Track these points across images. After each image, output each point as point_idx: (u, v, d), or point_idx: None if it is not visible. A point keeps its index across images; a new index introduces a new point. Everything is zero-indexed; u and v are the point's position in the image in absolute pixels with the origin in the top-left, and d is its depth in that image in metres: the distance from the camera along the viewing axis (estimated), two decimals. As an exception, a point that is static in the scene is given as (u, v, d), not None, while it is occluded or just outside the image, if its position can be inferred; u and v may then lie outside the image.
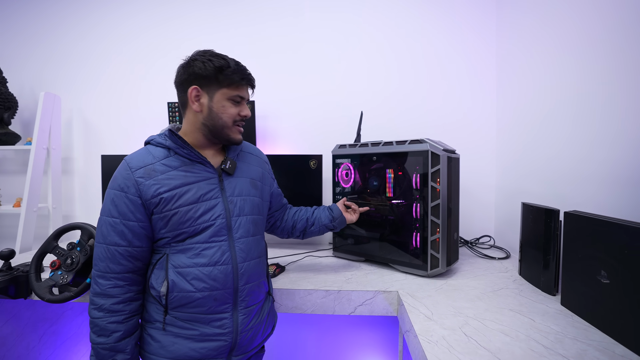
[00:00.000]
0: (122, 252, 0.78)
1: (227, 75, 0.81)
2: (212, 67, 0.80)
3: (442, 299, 0.97)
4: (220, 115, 0.83)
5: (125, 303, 0.78)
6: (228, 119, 0.84)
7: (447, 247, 1.15)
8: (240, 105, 0.86)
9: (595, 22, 1.02)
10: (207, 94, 0.82)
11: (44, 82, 1.91)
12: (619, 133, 0.92)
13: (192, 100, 0.82)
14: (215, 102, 0.82)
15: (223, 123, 0.84)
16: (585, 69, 1.06)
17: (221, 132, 0.85)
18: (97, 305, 0.77)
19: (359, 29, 1.75)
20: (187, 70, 0.82)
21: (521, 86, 1.44)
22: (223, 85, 0.82)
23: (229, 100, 0.83)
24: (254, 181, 0.92)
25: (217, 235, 0.81)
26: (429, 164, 1.13)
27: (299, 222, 1.13)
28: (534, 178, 1.32)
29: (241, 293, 0.82)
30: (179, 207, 0.78)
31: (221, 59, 0.81)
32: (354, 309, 1.06)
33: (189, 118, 0.86)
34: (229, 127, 0.85)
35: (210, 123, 0.84)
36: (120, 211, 0.78)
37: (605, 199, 0.96)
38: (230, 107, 0.84)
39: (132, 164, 0.80)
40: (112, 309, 0.77)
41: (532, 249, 1.09)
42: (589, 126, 1.04)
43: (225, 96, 0.83)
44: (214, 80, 0.81)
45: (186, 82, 0.82)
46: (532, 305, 0.92)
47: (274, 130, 1.81)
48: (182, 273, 0.78)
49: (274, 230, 1.14)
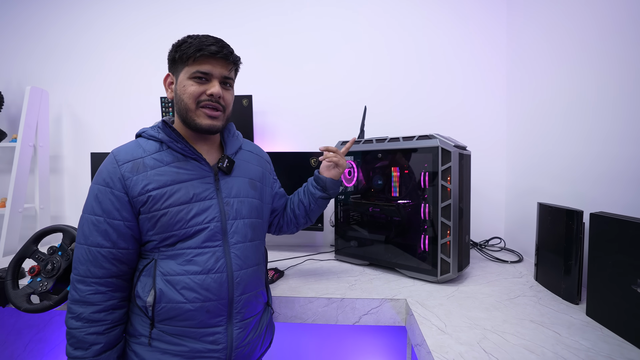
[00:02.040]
0: (106, 254, 0.70)
1: (183, 50, 0.72)
2: (172, 47, 0.75)
3: (454, 308, 0.89)
4: (181, 96, 0.74)
5: (107, 312, 0.70)
6: (189, 100, 0.73)
7: (458, 250, 1.07)
8: (206, 83, 0.73)
9: (620, 8, 0.94)
10: (175, 76, 0.76)
11: (32, 76, 1.82)
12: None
13: (166, 88, 0.78)
14: (179, 83, 0.74)
15: (185, 105, 0.73)
16: (609, 57, 0.97)
17: (187, 117, 0.75)
18: (75, 314, 0.69)
19: (362, 21, 1.67)
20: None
21: (534, 79, 1.36)
22: (182, 62, 0.73)
23: (190, 78, 0.73)
24: (253, 182, 0.84)
25: (210, 239, 0.72)
26: (439, 161, 1.05)
27: (297, 209, 1.00)
28: (550, 176, 1.24)
29: (237, 304, 0.74)
30: (169, 207, 0.70)
31: (187, 37, 0.74)
32: (358, 318, 0.98)
33: (174, 109, 0.79)
34: (192, 110, 0.74)
35: (177, 107, 0.76)
36: (104, 208, 0.70)
37: (635, 199, 0.88)
38: (191, 86, 0.72)
39: (119, 157, 0.72)
40: (92, 318, 0.69)
41: (551, 253, 1.01)
42: (613, 120, 0.96)
43: (187, 75, 0.73)
44: (178, 61, 0.74)
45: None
46: (554, 315, 0.84)
47: (272, 127, 1.73)
48: (171, 281, 0.70)
49: (282, 231, 1.04)
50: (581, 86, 1.09)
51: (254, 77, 1.70)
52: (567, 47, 1.16)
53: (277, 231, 1.04)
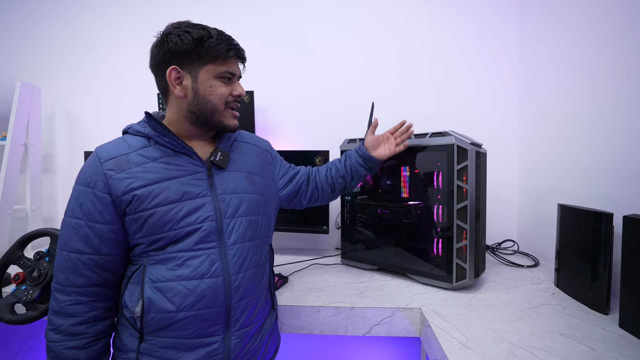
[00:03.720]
0: (86, 261, 0.64)
1: (210, 47, 0.66)
2: (190, 40, 0.65)
3: (474, 319, 0.82)
4: (209, 97, 0.69)
5: (88, 324, 0.64)
6: (218, 102, 0.70)
7: (475, 255, 1.00)
8: (231, 84, 0.72)
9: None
10: (190, 73, 0.68)
11: (23, 71, 1.74)
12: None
13: (173, 84, 0.68)
14: (201, 82, 0.68)
15: (213, 107, 0.70)
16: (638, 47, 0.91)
17: (212, 118, 0.71)
18: (54, 326, 0.63)
19: (368, 14, 1.60)
20: (161, 49, 0.67)
21: (551, 72, 1.29)
22: (207, 60, 0.67)
23: (216, 78, 0.69)
24: (250, 175, 0.77)
25: (204, 241, 0.66)
26: (455, 159, 0.98)
27: (335, 182, 1.01)
28: (570, 176, 1.17)
29: (235, 311, 0.68)
30: (156, 206, 0.63)
31: (200, 29, 0.67)
32: (369, 329, 0.91)
33: (172, 105, 0.72)
34: (221, 112, 0.71)
35: (197, 109, 0.69)
36: (85, 211, 0.64)
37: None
38: (220, 87, 0.70)
39: (101, 154, 0.66)
40: (71, 330, 0.63)
41: (574, 258, 0.95)
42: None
43: (212, 74, 0.68)
44: (196, 56, 0.67)
45: (163, 63, 0.68)
46: (585, 327, 0.77)
47: (275, 124, 1.65)
48: (161, 289, 0.63)
49: (312, 204, 1.02)
50: (605, 79, 1.02)
51: (256, 73, 1.63)
52: (588, 38, 1.09)
53: (307, 204, 1.01)
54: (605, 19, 1.02)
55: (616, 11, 0.98)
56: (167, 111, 0.74)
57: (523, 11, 1.49)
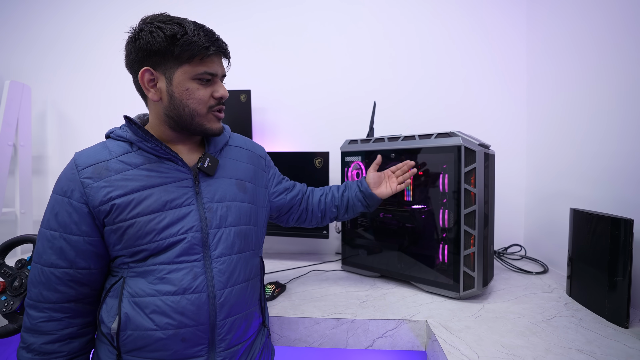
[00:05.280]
0: (61, 275, 0.59)
1: (185, 45, 0.59)
2: (162, 38, 0.58)
3: (484, 333, 0.77)
4: (185, 101, 0.62)
5: (62, 342, 0.59)
6: (198, 106, 0.63)
7: (483, 263, 0.95)
8: (212, 84, 0.65)
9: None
10: (164, 75, 0.61)
11: (12, 69, 1.69)
12: None
13: (147, 87, 0.62)
14: (176, 84, 0.61)
15: (191, 111, 0.63)
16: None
17: (191, 123, 0.64)
18: (26, 345, 0.59)
19: (368, 11, 1.54)
20: (134, 47, 0.61)
21: (561, 70, 1.24)
22: (182, 60, 0.60)
23: (194, 80, 0.62)
24: (241, 182, 0.72)
25: (187, 253, 0.61)
26: (462, 161, 0.93)
27: (328, 210, 0.95)
28: (581, 179, 1.12)
29: (220, 330, 0.62)
30: (136, 216, 0.58)
31: (174, 24, 0.59)
32: (371, 342, 0.85)
33: (151, 109, 0.67)
34: (202, 116, 0.65)
35: (174, 113, 0.63)
36: (60, 222, 0.59)
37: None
38: (198, 90, 0.63)
39: (79, 161, 0.61)
40: (44, 349, 0.58)
41: (589, 266, 0.89)
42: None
43: (188, 75, 0.61)
44: (170, 56, 0.60)
45: (137, 63, 0.62)
46: (604, 343, 0.72)
47: (273, 125, 1.60)
48: (139, 304, 0.58)
49: (299, 224, 0.96)
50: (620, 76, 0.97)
51: (253, 71, 1.58)
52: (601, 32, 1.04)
53: (294, 223, 0.95)
54: (620, 7, 0.97)
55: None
56: (149, 113, 0.69)
57: (530, 11, 1.43)
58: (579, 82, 1.14)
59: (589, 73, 1.09)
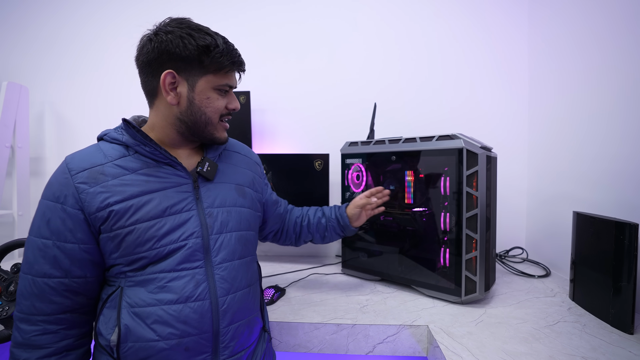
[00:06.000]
0: (55, 285, 0.57)
1: (215, 57, 0.61)
2: (194, 47, 0.59)
3: (487, 339, 0.76)
4: (204, 109, 0.63)
5: (58, 355, 0.57)
6: (213, 114, 0.65)
7: (485, 267, 0.93)
8: (227, 96, 0.67)
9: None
10: (187, 81, 0.62)
11: (9, 70, 1.67)
12: None
13: (167, 90, 0.62)
14: (198, 92, 0.62)
15: (207, 119, 0.64)
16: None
17: (203, 130, 0.65)
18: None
19: (370, 11, 1.53)
20: (158, 47, 0.60)
21: (563, 71, 1.23)
22: (209, 70, 0.62)
23: (215, 90, 0.64)
24: (240, 187, 0.71)
25: (189, 260, 0.59)
26: (464, 164, 0.91)
27: (303, 234, 0.94)
28: (583, 182, 1.11)
29: (223, 337, 0.61)
30: (136, 223, 0.57)
31: (205, 35, 0.61)
32: (372, 347, 0.84)
33: (160, 110, 0.65)
34: (214, 124, 0.66)
35: (189, 119, 0.63)
36: (53, 229, 0.57)
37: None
38: (217, 99, 0.65)
39: (72, 164, 0.59)
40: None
41: (593, 270, 0.88)
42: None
43: (211, 85, 0.63)
44: (197, 64, 0.61)
45: (157, 64, 0.61)
46: (609, 350, 0.71)
47: (272, 126, 1.59)
48: (139, 314, 0.57)
49: (274, 240, 0.96)
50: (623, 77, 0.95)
51: (252, 72, 1.56)
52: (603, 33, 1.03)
53: (270, 239, 0.95)
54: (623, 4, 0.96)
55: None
56: (151, 114, 0.67)
57: (532, 13, 1.42)
58: (580, 84, 1.13)
59: (591, 74, 1.08)
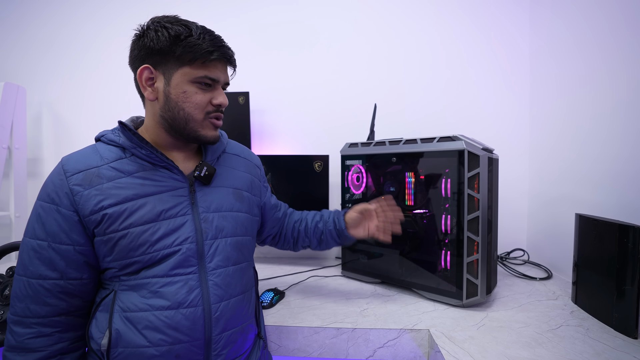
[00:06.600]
0: (50, 287, 0.56)
1: (188, 46, 0.57)
2: (166, 37, 0.57)
3: (489, 343, 0.75)
4: (181, 104, 0.60)
5: (53, 358, 0.56)
6: (194, 110, 0.61)
7: (487, 270, 0.92)
8: (212, 90, 0.63)
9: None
10: (163, 75, 0.60)
11: (6, 71, 1.66)
12: None
13: (144, 85, 0.61)
14: (174, 86, 0.59)
15: (186, 115, 0.61)
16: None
17: (185, 127, 0.62)
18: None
19: (371, 10, 1.52)
20: (137, 44, 0.60)
21: (564, 73, 1.22)
22: (184, 62, 0.59)
23: (192, 83, 0.60)
24: (238, 192, 0.70)
25: (182, 265, 0.58)
26: (465, 166, 0.90)
27: (300, 238, 0.92)
28: (585, 183, 1.10)
29: (216, 345, 0.60)
30: (129, 227, 0.56)
31: (181, 25, 0.58)
32: (372, 352, 0.83)
33: (147, 109, 0.65)
34: (197, 121, 0.62)
35: (168, 115, 0.61)
36: (48, 230, 0.56)
37: None
38: (195, 94, 0.61)
39: (68, 166, 0.58)
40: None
41: (596, 274, 0.87)
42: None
43: (188, 77, 0.59)
44: (171, 56, 0.58)
45: (138, 61, 0.61)
46: (613, 355, 0.70)
47: (271, 127, 1.58)
48: (131, 319, 0.56)
49: (272, 244, 0.94)
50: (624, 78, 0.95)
51: (251, 72, 1.56)
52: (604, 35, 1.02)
53: (267, 243, 0.93)
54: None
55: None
56: (145, 115, 0.67)
57: (533, 15, 1.41)
58: (581, 85, 1.12)
59: (592, 76, 1.07)
